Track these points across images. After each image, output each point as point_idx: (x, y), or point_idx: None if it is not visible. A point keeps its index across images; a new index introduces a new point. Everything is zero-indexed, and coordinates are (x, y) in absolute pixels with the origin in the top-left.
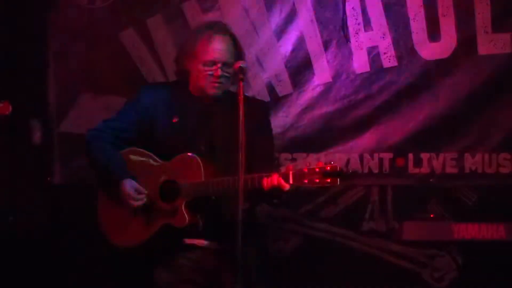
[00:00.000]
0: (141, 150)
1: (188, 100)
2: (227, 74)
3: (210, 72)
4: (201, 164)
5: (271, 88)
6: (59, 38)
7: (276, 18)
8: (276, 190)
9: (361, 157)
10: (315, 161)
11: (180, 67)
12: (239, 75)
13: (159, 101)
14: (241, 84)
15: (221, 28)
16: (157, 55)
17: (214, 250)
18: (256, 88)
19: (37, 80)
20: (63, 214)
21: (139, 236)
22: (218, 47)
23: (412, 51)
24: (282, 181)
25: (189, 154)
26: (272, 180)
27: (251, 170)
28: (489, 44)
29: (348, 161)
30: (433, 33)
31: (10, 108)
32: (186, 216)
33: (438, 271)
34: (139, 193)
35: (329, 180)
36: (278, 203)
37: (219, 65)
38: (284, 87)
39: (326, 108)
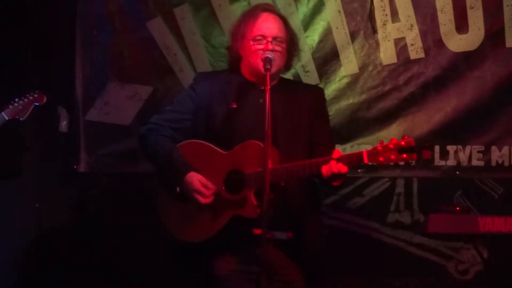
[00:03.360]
0: (201, 141)
1: (244, 86)
2: (278, 49)
3: (261, 47)
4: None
5: (297, 79)
6: (86, 27)
7: (304, 8)
8: (336, 175)
9: None
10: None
11: (232, 53)
12: (266, 65)
13: (215, 88)
14: (268, 74)
15: (268, 7)
16: (184, 44)
17: (278, 240)
18: None
19: (64, 68)
20: (89, 202)
21: (209, 230)
22: (265, 22)
23: (440, 43)
24: (341, 165)
25: (252, 141)
26: (331, 167)
27: (313, 155)
28: None
29: None
30: (461, 25)
31: (45, 99)
32: (257, 206)
33: (463, 264)
34: (208, 188)
35: (405, 156)
36: (338, 186)
37: (269, 39)
38: (310, 78)
39: (352, 99)
